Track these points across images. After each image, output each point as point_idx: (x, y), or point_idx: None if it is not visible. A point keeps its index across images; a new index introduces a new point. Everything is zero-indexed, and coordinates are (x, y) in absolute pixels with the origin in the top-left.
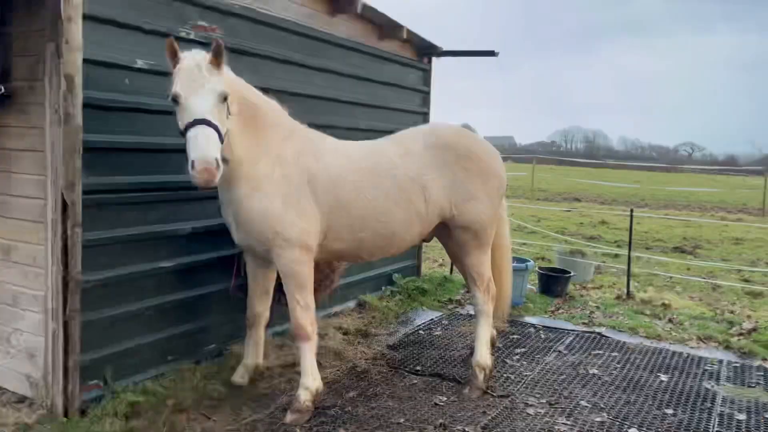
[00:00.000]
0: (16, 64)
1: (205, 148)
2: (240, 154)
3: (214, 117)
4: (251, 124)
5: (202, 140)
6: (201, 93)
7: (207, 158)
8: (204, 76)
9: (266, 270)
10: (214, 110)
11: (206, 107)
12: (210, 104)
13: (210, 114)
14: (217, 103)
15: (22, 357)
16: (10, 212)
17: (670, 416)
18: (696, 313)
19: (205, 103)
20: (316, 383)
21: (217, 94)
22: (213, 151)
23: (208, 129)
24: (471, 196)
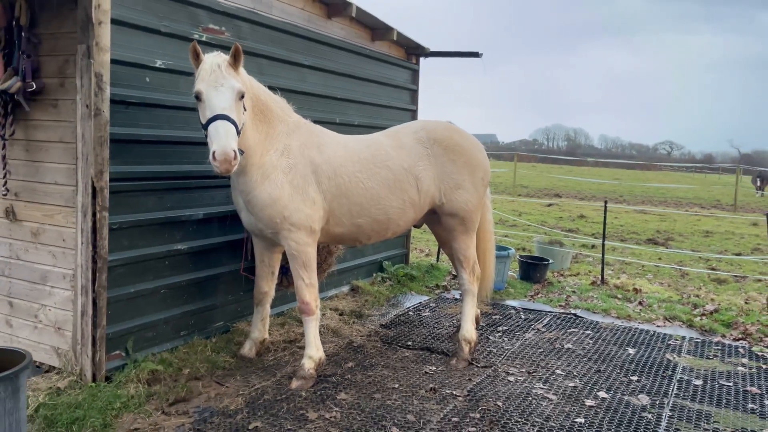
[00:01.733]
0: (45, 63)
1: (225, 140)
2: (252, 145)
3: (232, 112)
4: (262, 119)
5: (222, 133)
6: (221, 91)
7: (226, 149)
8: (223, 75)
9: (272, 253)
10: (232, 106)
11: (225, 104)
12: (229, 101)
13: (229, 110)
14: (235, 100)
15: (50, 331)
16: (40, 198)
17: (635, 381)
18: (664, 297)
19: (225, 100)
20: (319, 353)
21: (235, 92)
22: (232, 143)
23: (227, 123)
24: (458, 185)
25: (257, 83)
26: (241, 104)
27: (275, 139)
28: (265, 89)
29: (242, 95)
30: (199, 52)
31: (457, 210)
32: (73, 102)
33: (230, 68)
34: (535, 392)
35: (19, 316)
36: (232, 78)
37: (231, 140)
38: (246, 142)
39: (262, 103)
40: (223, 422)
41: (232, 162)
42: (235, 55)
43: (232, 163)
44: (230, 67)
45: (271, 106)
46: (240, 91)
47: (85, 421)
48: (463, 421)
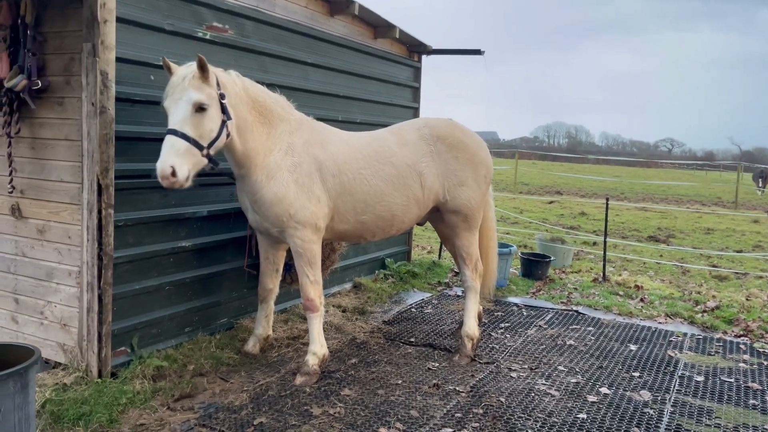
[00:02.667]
0: (50, 61)
1: (164, 156)
2: (253, 147)
3: (185, 126)
4: (262, 120)
5: (165, 149)
6: (178, 105)
7: (163, 167)
8: (184, 88)
9: (277, 250)
10: (186, 119)
11: (178, 118)
12: (182, 114)
13: (181, 124)
14: (191, 112)
15: (56, 327)
16: (45, 195)
17: (637, 378)
18: (666, 294)
19: (179, 114)
20: (323, 350)
21: (190, 104)
22: (172, 160)
23: (173, 138)
24: (461, 182)
25: (253, 84)
26: (204, 116)
27: (278, 139)
28: (263, 89)
29: (200, 106)
30: (170, 66)
31: (460, 207)
32: (78, 100)
33: (196, 80)
34: (537, 388)
35: (25, 312)
36: (191, 90)
37: (171, 157)
38: (245, 146)
39: (260, 105)
40: (228, 417)
41: (170, 179)
42: (200, 67)
43: (170, 180)
44: (196, 78)
45: (271, 106)
46: (197, 103)
47: (92, 417)
48: (466, 417)
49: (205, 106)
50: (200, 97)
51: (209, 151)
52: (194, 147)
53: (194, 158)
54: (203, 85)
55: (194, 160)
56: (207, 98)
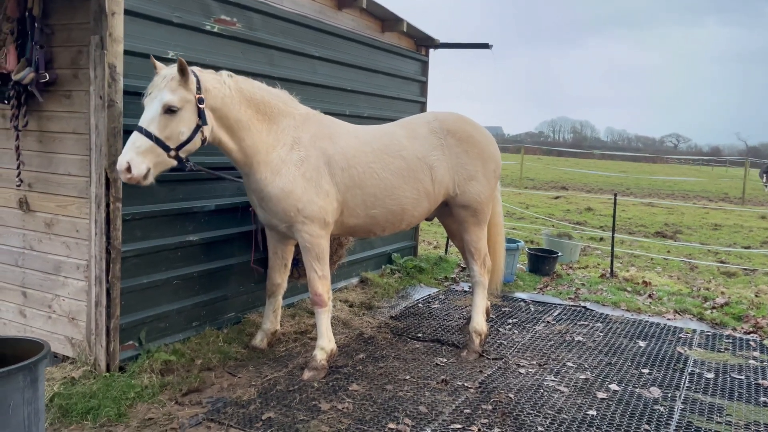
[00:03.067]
0: (58, 54)
1: (122, 153)
2: (251, 144)
3: (152, 125)
4: (260, 117)
5: (127, 145)
6: (152, 103)
7: (119, 162)
8: (159, 88)
9: (285, 245)
10: (155, 119)
11: (147, 117)
12: (151, 115)
13: (148, 122)
14: (160, 113)
15: (64, 321)
16: (53, 189)
17: (646, 374)
18: (674, 290)
19: (149, 113)
20: (331, 344)
21: (161, 105)
22: (127, 156)
23: (136, 135)
24: (471, 176)
25: (248, 82)
26: (173, 118)
27: (281, 134)
28: (260, 86)
29: (169, 108)
30: (156, 65)
31: (470, 201)
32: (86, 93)
33: (174, 81)
34: (546, 384)
35: (33, 306)
36: (165, 91)
37: (130, 153)
38: (240, 144)
39: (257, 102)
40: (236, 412)
41: (125, 174)
42: (180, 70)
43: (126, 176)
44: (174, 80)
45: (270, 102)
46: (166, 104)
47: (100, 411)
48: (475, 413)
49: (175, 109)
50: (170, 99)
51: (178, 153)
52: (159, 147)
53: (157, 158)
54: (179, 87)
55: (157, 159)
56: (179, 101)
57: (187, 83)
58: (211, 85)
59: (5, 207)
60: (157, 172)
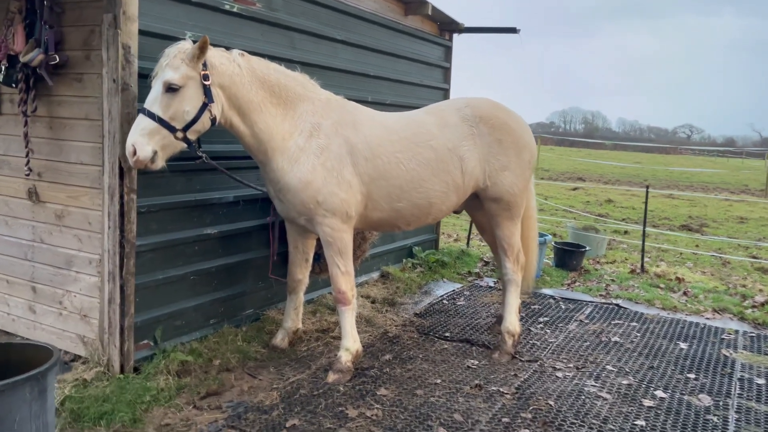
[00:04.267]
0: (69, 35)
1: (129, 136)
2: (264, 129)
3: (155, 105)
4: (275, 100)
5: (132, 128)
6: (155, 84)
7: (126, 145)
8: (163, 67)
9: (306, 239)
10: (157, 99)
11: (151, 96)
12: (155, 93)
13: (151, 103)
14: (162, 92)
15: (75, 318)
16: (64, 179)
17: (693, 380)
18: (709, 287)
19: (152, 93)
20: (356, 345)
21: (162, 84)
22: (132, 138)
23: (140, 117)
24: (504, 167)
25: (262, 63)
26: (175, 96)
27: (299, 120)
28: (276, 68)
29: (170, 86)
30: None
31: (502, 194)
32: (98, 76)
33: (177, 59)
34: (587, 390)
35: (43, 302)
36: (167, 69)
37: (135, 135)
38: (253, 128)
39: (271, 84)
40: (259, 419)
41: (132, 158)
42: (201, 48)
43: (133, 159)
44: (179, 58)
45: (286, 84)
46: (166, 83)
47: (114, 416)
48: (514, 422)
49: (176, 87)
50: (171, 77)
51: (185, 134)
52: (164, 128)
53: (164, 139)
54: (182, 65)
55: (164, 141)
56: (180, 78)
57: (195, 60)
58: (218, 61)
59: (14, 197)
60: (166, 155)
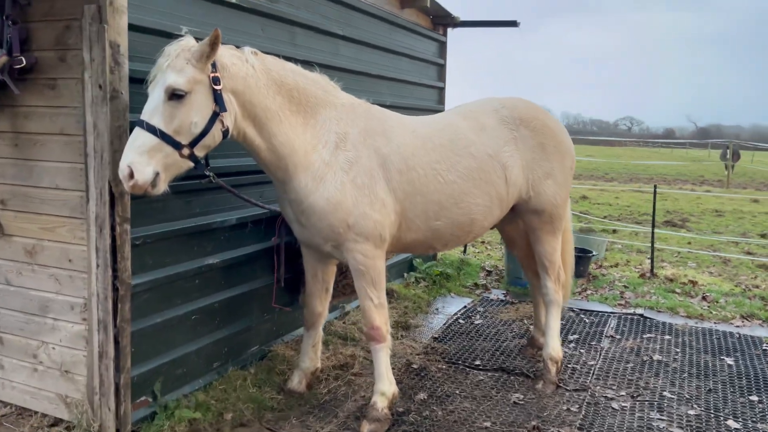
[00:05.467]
0: (37, 32)
1: (124, 154)
2: (285, 141)
3: (156, 116)
4: (295, 107)
5: (127, 145)
6: (154, 90)
7: (121, 166)
8: (163, 69)
9: (326, 265)
10: (158, 108)
11: (149, 107)
12: (154, 104)
13: (150, 114)
14: (164, 101)
15: (55, 375)
16: (35, 207)
17: (757, 403)
18: (725, 290)
19: (151, 101)
20: (392, 388)
21: (163, 91)
22: (128, 158)
23: (138, 131)
24: (548, 174)
25: (278, 63)
26: (181, 105)
27: (321, 129)
28: (294, 69)
29: (174, 92)
30: None
31: (545, 205)
32: (77, 81)
33: (180, 60)
34: (656, 426)
35: (13, 355)
36: (169, 71)
37: (131, 154)
38: (271, 141)
39: (289, 88)
40: None
41: (128, 182)
42: (212, 44)
43: (129, 183)
44: (182, 58)
45: (307, 88)
46: (170, 88)
47: None
48: None
49: (182, 93)
50: (175, 81)
51: (193, 151)
52: (167, 144)
53: (167, 158)
54: (187, 66)
55: (167, 160)
56: (187, 83)
57: (204, 60)
58: (229, 62)
59: None
60: (170, 177)
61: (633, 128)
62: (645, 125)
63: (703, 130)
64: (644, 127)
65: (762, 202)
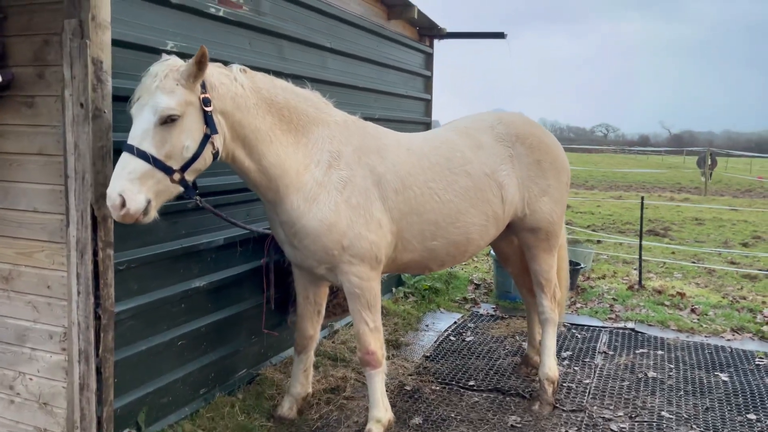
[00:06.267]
0: (13, 47)
1: (112, 183)
2: (275, 162)
3: (146, 141)
4: (285, 126)
5: (117, 171)
6: (141, 113)
7: (110, 195)
8: (151, 90)
9: (318, 287)
10: (149, 132)
11: (138, 130)
12: (144, 127)
13: (140, 139)
14: (155, 124)
15: (32, 407)
16: (11, 231)
17: (756, 422)
18: (713, 302)
19: (139, 127)
20: (388, 414)
21: (156, 113)
22: (118, 187)
23: (126, 158)
24: (544, 192)
25: (268, 80)
26: (173, 129)
27: (314, 148)
28: (285, 86)
29: (170, 117)
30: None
31: (541, 222)
32: (56, 99)
33: (169, 80)
34: None
35: None
36: (160, 94)
37: (121, 182)
38: (261, 162)
39: (280, 106)
40: None
41: (119, 210)
42: (199, 63)
43: (120, 212)
44: (170, 78)
45: (298, 106)
46: (164, 113)
47: None
48: None
49: (175, 117)
50: (167, 105)
51: (183, 175)
52: (158, 170)
53: (158, 184)
54: (177, 88)
55: (158, 186)
56: (179, 105)
57: (193, 80)
58: (218, 81)
59: None
60: (159, 203)
61: (609, 135)
62: (620, 132)
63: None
64: (620, 134)
65: (740, 211)
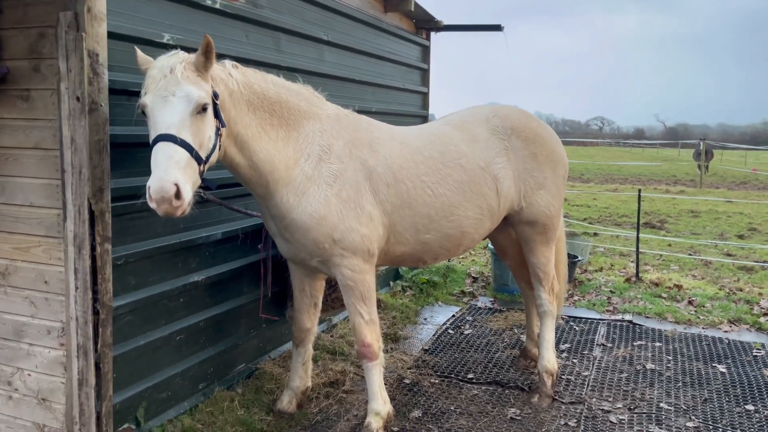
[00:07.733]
0: (9, 40)
1: (164, 171)
2: (265, 158)
3: (184, 131)
4: (276, 121)
5: (162, 161)
6: (170, 102)
7: (164, 185)
8: (177, 81)
9: (314, 280)
10: (185, 122)
11: (174, 119)
12: (179, 116)
13: (178, 127)
14: (191, 114)
15: (31, 403)
16: (8, 226)
17: (754, 413)
18: (710, 294)
19: (174, 115)
20: (387, 407)
21: (191, 104)
22: (174, 175)
23: (171, 147)
24: (540, 185)
25: (259, 76)
26: (205, 119)
27: (304, 142)
28: (276, 81)
29: (203, 107)
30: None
31: (538, 216)
32: (52, 93)
33: (189, 71)
34: None
35: None
36: (188, 84)
37: (173, 170)
38: (252, 158)
39: (271, 102)
40: None
41: (174, 202)
42: (206, 52)
43: (174, 204)
44: (189, 70)
45: (289, 101)
46: (200, 103)
47: None
48: None
49: (207, 106)
50: (200, 94)
51: (204, 168)
52: (194, 160)
53: (194, 175)
54: (199, 78)
55: (194, 178)
56: (207, 95)
57: (207, 72)
58: (218, 76)
59: None
60: None
61: (604, 128)
62: (616, 125)
63: (672, 130)
64: (615, 127)
65: (736, 203)
